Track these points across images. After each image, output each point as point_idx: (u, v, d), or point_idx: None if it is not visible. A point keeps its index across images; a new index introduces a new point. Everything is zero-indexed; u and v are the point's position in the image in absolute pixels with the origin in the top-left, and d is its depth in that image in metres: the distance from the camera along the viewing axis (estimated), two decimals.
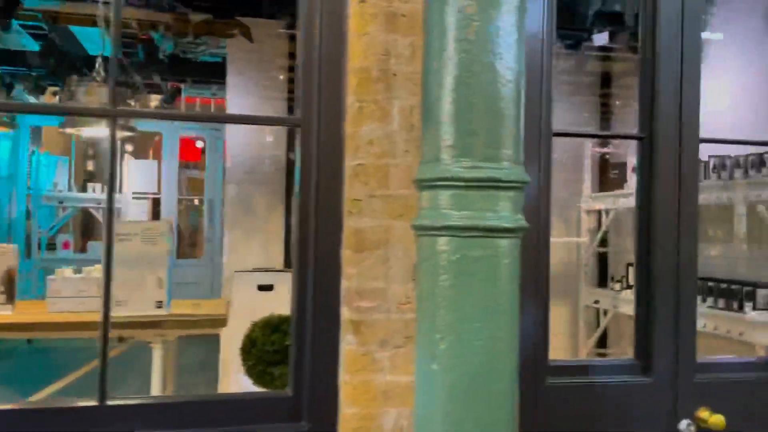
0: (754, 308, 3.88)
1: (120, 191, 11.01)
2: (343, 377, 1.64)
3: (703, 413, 2.01)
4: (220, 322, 4.11)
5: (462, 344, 1.35)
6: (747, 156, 4.17)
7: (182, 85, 9.07)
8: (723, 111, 3.75)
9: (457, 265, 1.37)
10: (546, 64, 1.90)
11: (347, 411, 1.63)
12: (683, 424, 2.00)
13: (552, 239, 1.99)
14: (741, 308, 4.02)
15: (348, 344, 1.63)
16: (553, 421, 1.91)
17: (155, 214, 11.36)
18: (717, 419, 1.98)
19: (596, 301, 5.48)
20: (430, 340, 1.39)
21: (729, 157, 4.23)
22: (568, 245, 6.25)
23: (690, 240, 2.04)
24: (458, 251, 1.36)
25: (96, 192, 11.42)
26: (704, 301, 4.42)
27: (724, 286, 4.34)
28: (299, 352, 1.69)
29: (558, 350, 6.35)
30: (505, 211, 1.40)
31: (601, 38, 5.35)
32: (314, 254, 1.68)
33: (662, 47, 2.01)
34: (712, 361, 2.07)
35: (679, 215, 2.03)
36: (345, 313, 1.64)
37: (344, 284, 1.66)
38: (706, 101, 2.02)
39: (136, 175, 11.51)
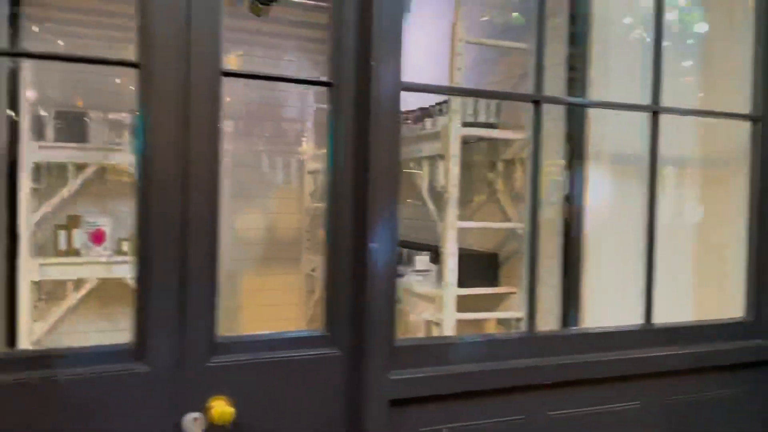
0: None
1: None
2: None
3: (216, 402, 1.68)
4: None
5: None
6: None
7: None
8: None
9: None
10: None
11: None
12: (188, 418, 1.66)
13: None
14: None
15: None
16: None
17: None
18: (223, 412, 1.66)
19: (314, 269, 5.24)
20: None
21: None
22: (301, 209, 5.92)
23: (206, 196, 1.67)
24: None
25: None
26: None
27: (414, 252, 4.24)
28: None
29: (286, 321, 6.05)
30: None
31: None
32: None
33: None
34: (234, 341, 1.74)
35: (186, 165, 1.65)
36: None
37: None
38: None
39: None
